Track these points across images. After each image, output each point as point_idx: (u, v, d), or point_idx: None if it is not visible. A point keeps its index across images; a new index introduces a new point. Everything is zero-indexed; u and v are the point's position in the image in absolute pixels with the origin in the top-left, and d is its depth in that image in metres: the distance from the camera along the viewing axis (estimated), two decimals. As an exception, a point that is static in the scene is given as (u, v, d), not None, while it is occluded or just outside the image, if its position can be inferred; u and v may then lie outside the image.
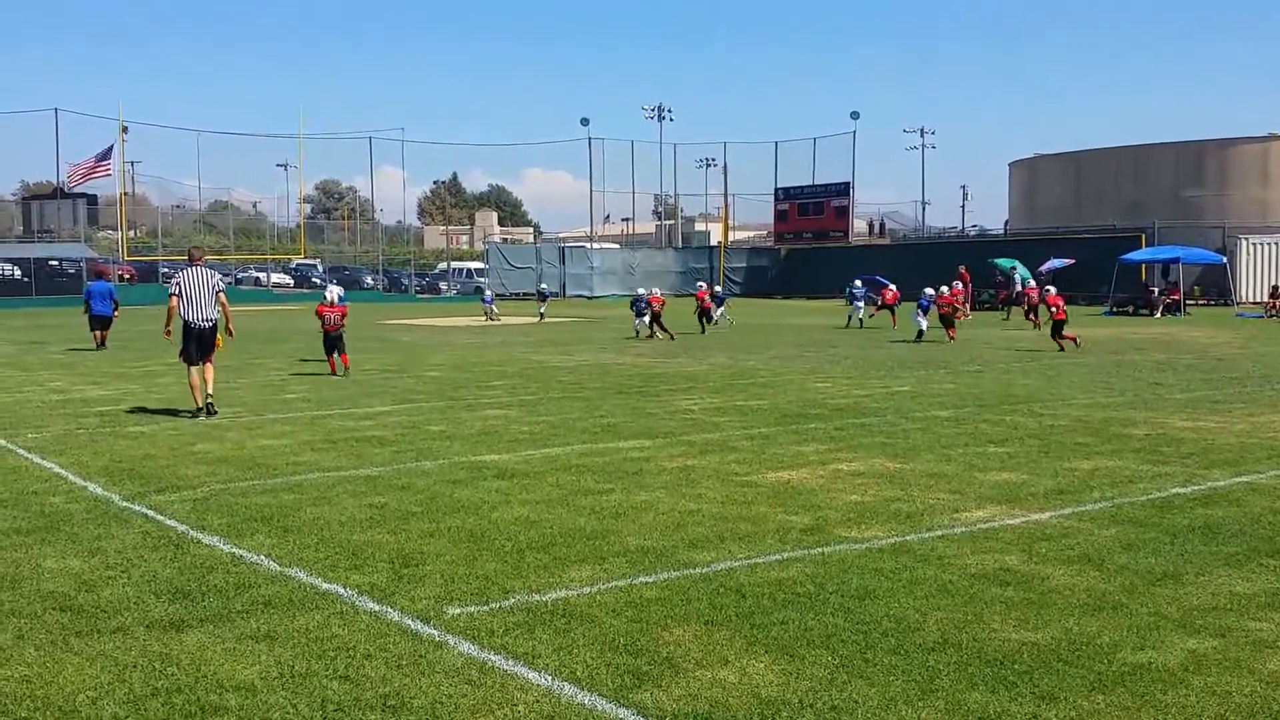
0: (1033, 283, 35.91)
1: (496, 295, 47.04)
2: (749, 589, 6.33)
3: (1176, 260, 41.30)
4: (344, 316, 18.92)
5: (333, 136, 75.65)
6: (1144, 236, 45.41)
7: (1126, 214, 51.65)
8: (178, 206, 71.02)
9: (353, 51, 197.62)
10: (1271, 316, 36.92)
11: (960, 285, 35.96)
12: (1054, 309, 24.51)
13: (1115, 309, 40.01)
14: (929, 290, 28.15)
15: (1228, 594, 6.27)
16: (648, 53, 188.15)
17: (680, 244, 75.77)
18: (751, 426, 12.67)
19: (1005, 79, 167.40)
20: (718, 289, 39.32)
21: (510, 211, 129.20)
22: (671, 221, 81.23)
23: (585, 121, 67.04)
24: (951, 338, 26.85)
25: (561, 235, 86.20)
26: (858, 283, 35.14)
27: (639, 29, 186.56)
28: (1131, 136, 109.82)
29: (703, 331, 30.74)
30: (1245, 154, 53.20)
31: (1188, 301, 40.09)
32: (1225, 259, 43.07)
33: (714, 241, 71.60)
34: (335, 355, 18.69)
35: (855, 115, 66.58)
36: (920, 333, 27.33)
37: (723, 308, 35.41)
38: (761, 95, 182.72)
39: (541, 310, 41.03)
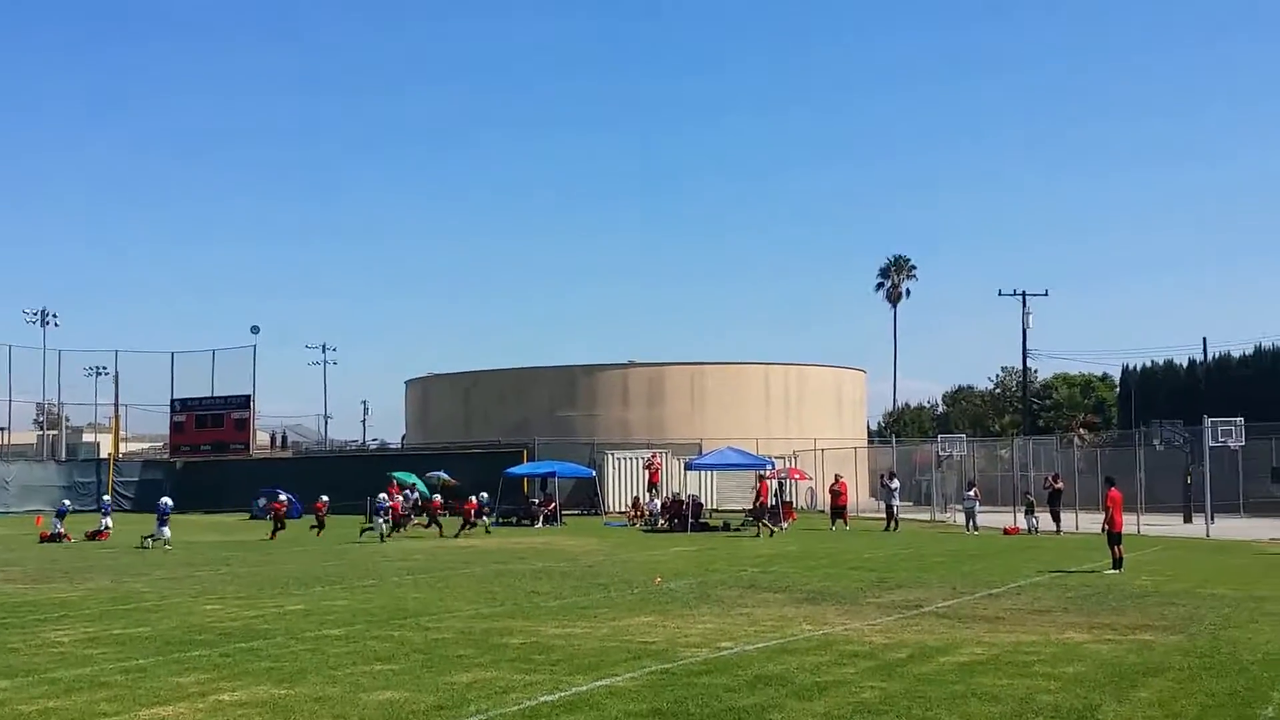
0: (437, 497, 38.23)
1: None
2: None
3: (553, 474, 45.19)
4: None
5: None
6: (526, 451, 49.17)
7: (511, 431, 55.48)
8: None
9: None
10: (633, 525, 41.35)
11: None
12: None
13: (501, 520, 42.59)
14: (166, 500, 30.69)
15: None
16: (26, 251, 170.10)
17: (65, 456, 69.58)
18: (129, 658, 11.94)
19: (401, 300, 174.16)
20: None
21: None
22: (55, 432, 74.44)
23: (-50, 319, 59.95)
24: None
25: (-79, 446, 75.16)
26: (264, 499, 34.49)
27: (15, 228, 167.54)
28: (519, 359, 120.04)
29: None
30: (609, 378, 59.75)
31: (564, 512, 43.76)
32: (594, 472, 47.82)
33: (104, 454, 66.37)
34: None
35: (256, 329, 66.65)
36: (162, 541, 28.89)
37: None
38: (157, 303, 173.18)
39: None
